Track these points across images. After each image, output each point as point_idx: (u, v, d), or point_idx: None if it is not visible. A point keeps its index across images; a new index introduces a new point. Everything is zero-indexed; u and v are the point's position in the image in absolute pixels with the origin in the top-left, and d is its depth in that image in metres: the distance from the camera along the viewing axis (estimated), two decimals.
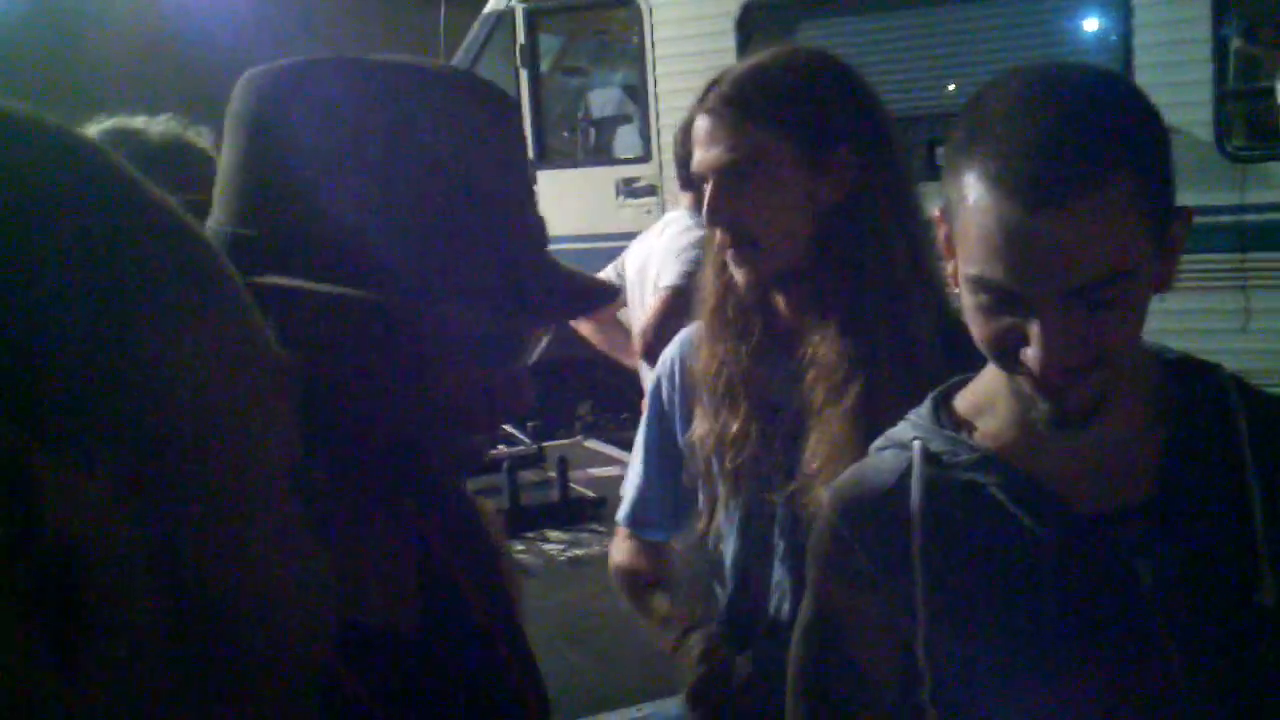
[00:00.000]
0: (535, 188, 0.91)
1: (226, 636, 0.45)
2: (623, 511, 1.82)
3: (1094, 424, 1.01)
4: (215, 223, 0.85)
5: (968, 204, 0.97)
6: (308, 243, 0.81)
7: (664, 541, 1.80)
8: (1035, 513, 1.05)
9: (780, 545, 1.55)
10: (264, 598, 0.47)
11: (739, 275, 1.55)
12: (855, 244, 1.49)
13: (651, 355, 2.77)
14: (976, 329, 1.01)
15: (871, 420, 1.38)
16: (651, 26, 5.94)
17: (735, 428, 1.56)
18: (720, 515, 1.61)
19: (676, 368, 1.72)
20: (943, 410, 1.14)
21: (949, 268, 1.06)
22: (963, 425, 1.12)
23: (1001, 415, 1.09)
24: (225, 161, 0.86)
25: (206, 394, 0.45)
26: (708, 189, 1.53)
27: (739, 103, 1.50)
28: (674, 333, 1.78)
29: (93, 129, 1.53)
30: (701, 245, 1.94)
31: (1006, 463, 1.07)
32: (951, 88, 5.63)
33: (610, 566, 1.82)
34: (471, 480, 1.64)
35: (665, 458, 1.73)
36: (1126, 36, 5.12)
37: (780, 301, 1.57)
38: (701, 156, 1.53)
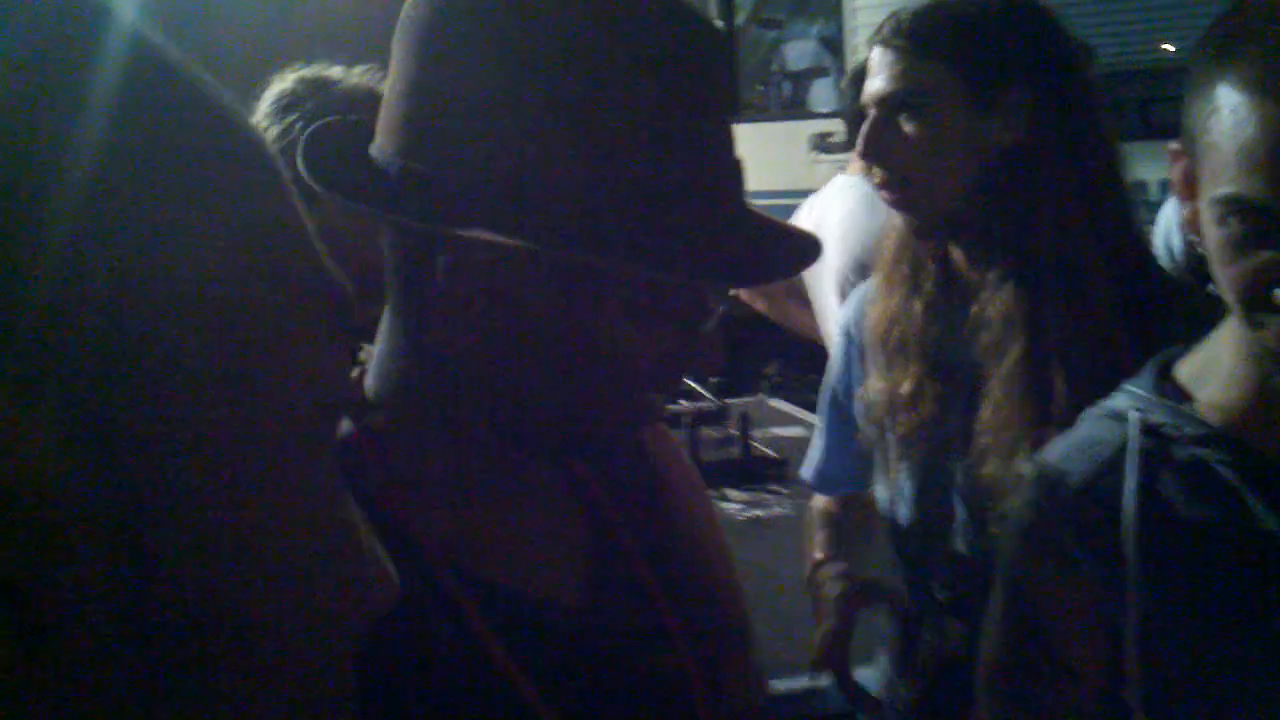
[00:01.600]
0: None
1: (205, 629, 0.36)
2: (807, 472, 1.78)
3: None
4: (380, 151, 0.78)
5: (1221, 117, 0.87)
6: (483, 184, 0.73)
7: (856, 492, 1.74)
8: (1272, 498, 0.94)
9: (960, 514, 1.47)
10: (263, 584, 0.38)
11: (899, 220, 1.48)
12: (1025, 194, 1.40)
13: None
14: (1222, 268, 0.91)
15: (1037, 386, 1.32)
16: None
17: (907, 388, 1.50)
18: (894, 480, 1.55)
19: (853, 325, 1.66)
20: (1165, 379, 1.03)
21: (1185, 212, 0.95)
22: (1188, 396, 1.02)
23: (1236, 384, 0.99)
24: (392, 80, 0.79)
25: (214, 311, 0.36)
26: (866, 123, 1.46)
27: (909, 34, 1.43)
28: None
29: (292, 75, 1.55)
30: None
31: (1239, 439, 0.97)
32: (1169, 46, 5.31)
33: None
34: None
35: (846, 419, 1.68)
36: None
37: (956, 253, 1.49)
38: (866, 88, 1.47)
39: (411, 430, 0.83)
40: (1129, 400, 1.04)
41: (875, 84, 1.46)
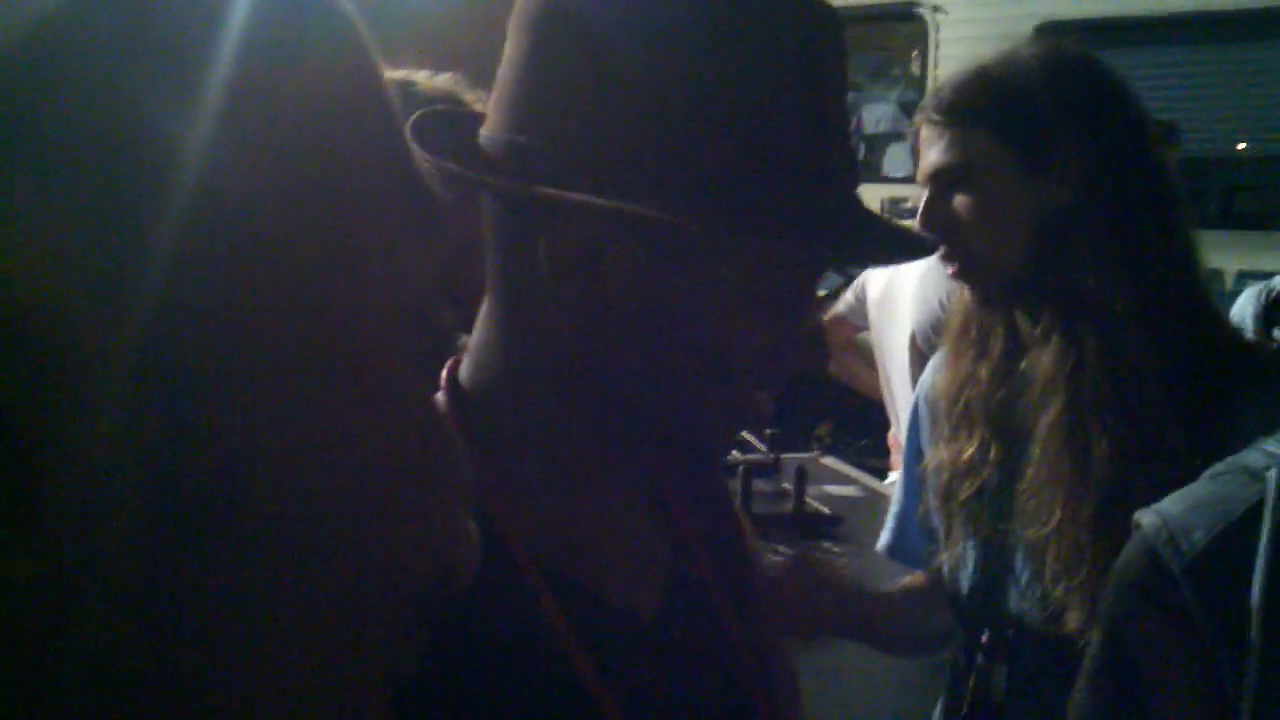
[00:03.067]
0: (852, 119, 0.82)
1: (243, 531, 0.31)
2: (883, 540, 1.76)
3: None
4: (488, 131, 0.78)
5: None
6: (593, 154, 0.72)
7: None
8: None
9: (1024, 576, 1.45)
10: (319, 495, 0.33)
11: (966, 292, 1.48)
12: (1070, 252, 1.38)
13: None
14: None
15: (1073, 445, 1.32)
16: (936, 44, 5.77)
17: (969, 453, 1.48)
18: (956, 550, 1.53)
19: (924, 392, 1.66)
20: None
21: None
22: None
23: None
24: (505, 65, 0.78)
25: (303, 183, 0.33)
26: (922, 198, 1.45)
27: (950, 108, 1.42)
28: None
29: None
30: None
31: None
32: (1248, 133, 5.26)
33: None
34: None
35: (921, 488, 1.66)
36: None
37: (1020, 317, 1.48)
38: (920, 165, 1.47)
39: (506, 420, 0.81)
40: (1266, 459, 0.98)
41: (926, 160, 1.46)
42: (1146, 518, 1.03)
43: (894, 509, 1.76)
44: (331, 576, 0.34)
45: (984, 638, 1.49)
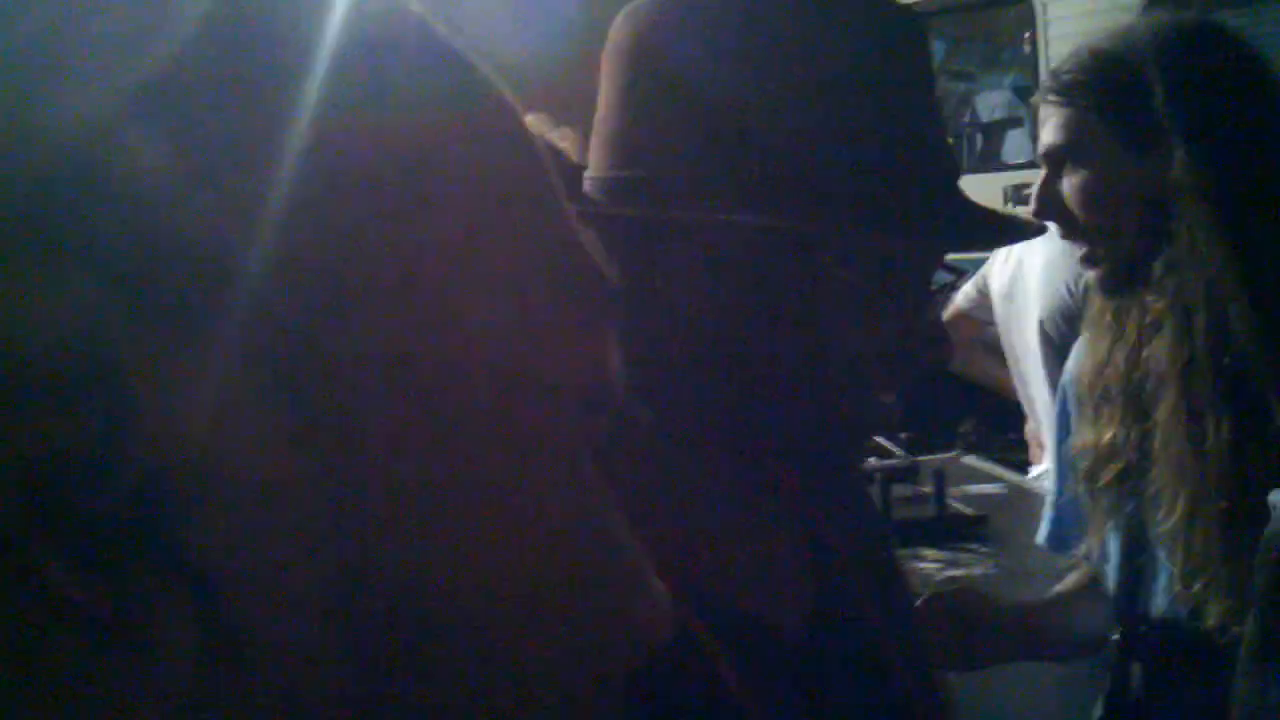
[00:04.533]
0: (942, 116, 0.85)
1: (426, 646, 0.31)
2: (1041, 533, 1.73)
3: None
4: (591, 173, 0.80)
5: None
6: (706, 177, 0.74)
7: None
8: None
9: (1162, 569, 1.42)
10: (501, 601, 0.32)
11: (1089, 275, 1.45)
12: (1177, 242, 1.35)
13: None
14: None
15: (1192, 436, 1.29)
16: (1045, 24, 5.64)
17: (1108, 436, 1.45)
18: (1099, 540, 1.50)
19: (1069, 377, 1.63)
20: None
21: None
22: None
23: None
24: (602, 107, 0.81)
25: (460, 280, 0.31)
26: (1038, 179, 1.44)
27: (1065, 86, 1.40)
28: None
29: None
30: None
31: None
32: None
33: None
34: None
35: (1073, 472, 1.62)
36: None
37: (1139, 304, 1.45)
38: (1038, 146, 1.45)
39: (643, 440, 0.82)
40: None
41: (1042, 140, 1.44)
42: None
43: (1049, 499, 1.73)
44: (535, 670, 0.34)
45: (1115, 634, 1.46)
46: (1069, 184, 1.40)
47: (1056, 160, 1.41)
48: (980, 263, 3.35)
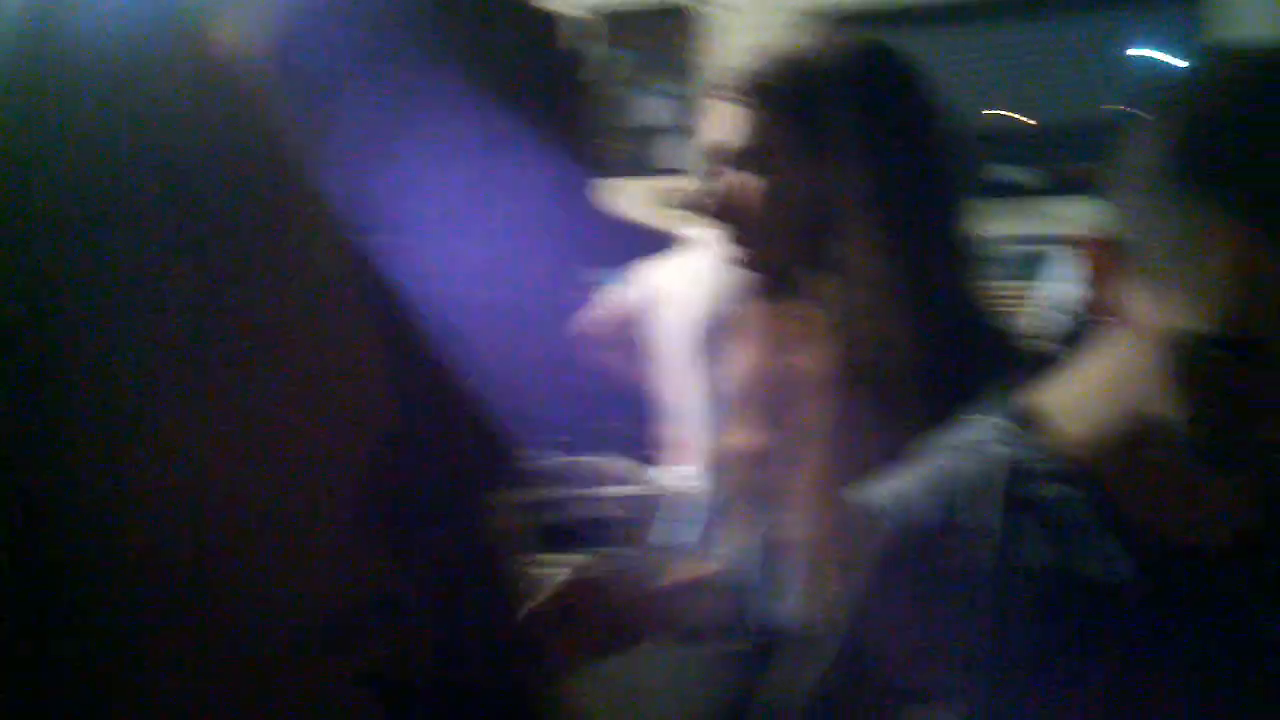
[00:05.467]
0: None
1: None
2: (685, 533, 1.75)
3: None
4: None
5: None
6: None
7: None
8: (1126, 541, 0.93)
9: (791, 573, 1.47)
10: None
11: (742, 280, 1.49)
12: (836, 248, 1.40)
13: None
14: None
15: (842, 438, 1.36)
16: (710, 33, 5.81)
17: (755, 440, 1.50)
18: (744, 535, 1.54)
19: (718, 382, 1.66)
20: (1026, 411, 1.01)
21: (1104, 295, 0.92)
22: (1045, 430, 0.99)
23: (1103, 424, 0.95)
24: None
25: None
26: (703, 176, 1.46)
27: (750, 88, 1.43)
28: None
29: None
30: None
31: (1099, 478, 0.94)
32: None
33: None
34: None
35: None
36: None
37: (793, 309, 1.50)
38: (705, 144, 1.47)
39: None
40: (980, 431, 1.00)
41: (716, 137, 1.44)
42: (875, 495, 1.04)
43: (694, 500, 1.74)
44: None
45: (751, 627, 1.49)
46: (741, 183, 1.40)
47: (728, 159, 1.41)
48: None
